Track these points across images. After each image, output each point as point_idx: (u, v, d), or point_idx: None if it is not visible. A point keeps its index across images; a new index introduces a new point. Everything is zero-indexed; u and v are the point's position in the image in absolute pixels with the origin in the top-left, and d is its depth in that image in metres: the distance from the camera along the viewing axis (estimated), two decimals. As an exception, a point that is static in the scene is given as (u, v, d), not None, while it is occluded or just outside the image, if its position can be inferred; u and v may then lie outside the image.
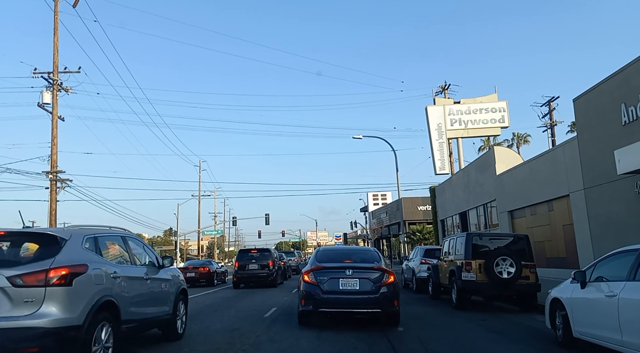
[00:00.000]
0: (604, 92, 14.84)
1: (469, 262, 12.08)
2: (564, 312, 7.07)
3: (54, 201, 31.44)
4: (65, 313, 5.11)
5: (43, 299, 5.04)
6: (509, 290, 11.87)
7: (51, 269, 5.16)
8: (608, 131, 14.56)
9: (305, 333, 8.53)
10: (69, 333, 5.10)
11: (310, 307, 8.96)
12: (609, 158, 13.99)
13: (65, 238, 5.72)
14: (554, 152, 19.25)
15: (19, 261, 5.50)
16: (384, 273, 8.99)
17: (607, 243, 14.93)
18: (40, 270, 5.13)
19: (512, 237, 13.30)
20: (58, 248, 5.51)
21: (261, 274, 21.86)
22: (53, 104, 31.62)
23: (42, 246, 5.67)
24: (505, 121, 34.86)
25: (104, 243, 6.55)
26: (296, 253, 46.25)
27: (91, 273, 5.62)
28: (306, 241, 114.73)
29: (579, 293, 6.67)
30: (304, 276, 9.29)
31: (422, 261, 17.37)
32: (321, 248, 10.95)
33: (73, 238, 5.85)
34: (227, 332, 8.86)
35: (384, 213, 56.65)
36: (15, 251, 5.84)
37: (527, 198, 21.21)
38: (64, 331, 5.06)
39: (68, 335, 5.08)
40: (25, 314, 4.95)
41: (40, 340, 4.91)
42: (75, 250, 5.74)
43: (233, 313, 11.78)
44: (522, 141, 49.99)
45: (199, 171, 58.48)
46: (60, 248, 5.54)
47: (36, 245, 5.81)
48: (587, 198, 16.30)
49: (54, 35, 31.65)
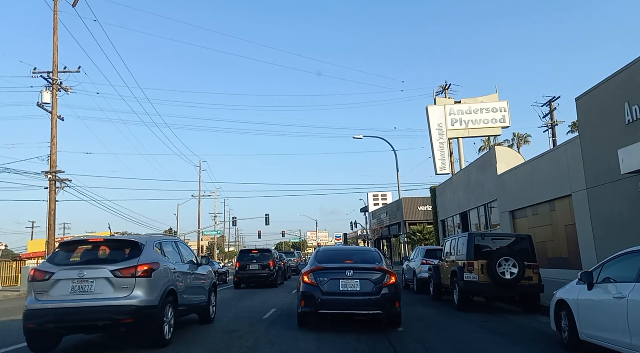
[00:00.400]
0: (607, 90, 14.69)
1: (471, 262, 11.93)
2: (570, 314, 6.90)
3: (53, 201, 31.26)
4: (147, 296, 7.24)
5: (134, 286, 7.17)
6: (512, 290, 11.71)
7: (138, 265, 7.31)
8: (611, 130, 14.40)
9: (305, 335, 8.38)
10: (151, 311, 7.24)
11: (309, 308, 8.79)
12: (612, 157, 13.84)
13: (143, 243, 7.83)
14: (556, 151, 19.10)
15: (116, 259, 7.53)
16: (385, 273, 8.82)
17: (610, 243, 14.79)
18: (131, 266, 7.28)
19: (515, 237, 13.14)
20: (139, 251, 7.63)
21: (262, 274, 21.78)
22: (52, 104, 31.47)
23: (129, 249, 7.75)
24: (506, 120, 34.72)
25: (164, 246, 8.69)
26: (296, 254, 46.10)
27: (161, 268, 7.78)
28: (306, 242, 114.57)
29: (586, 294, 6.51)
30: (303, 277, 9.12)
31: (423, 262, 17.22)
32: (321, 249, 10.77)
33: (148, 243, 7.97)
34: (225, 334, 8.70)
35: (384, 213, 56.48)
36: (112, 253, 7.91)
37: (528, 197, 21.06)
38: (147, 309, 7.18)
39: (150, 311, 7.22)
40: (123, 296, 7.08)
41: (133, 314, 7.04)
42: (151, 252, 7.87)
43: (232, 314, 11.63)
44: (523, 141, 49.86)
45: (199, 171, 58.36)
46: (141, 250, 7.64)
47: (125, 248, 7.85)
48: (590, 198, 16.14)
49: (54, 35, 31.51)
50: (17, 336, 9.05)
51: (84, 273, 7.19)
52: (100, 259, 7.77)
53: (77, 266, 7.43)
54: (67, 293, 7.10)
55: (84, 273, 7.19)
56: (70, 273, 7.20)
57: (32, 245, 54.57)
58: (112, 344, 8.08)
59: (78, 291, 7.11)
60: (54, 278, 7.18)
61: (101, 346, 8.18)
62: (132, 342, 8.00)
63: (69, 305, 7.01)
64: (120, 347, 7.80)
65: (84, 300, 7.05)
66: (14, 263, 41.76)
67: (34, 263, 38.26)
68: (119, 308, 7.02)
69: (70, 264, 7.52)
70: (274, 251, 24.74)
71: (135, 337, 7.85)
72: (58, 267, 7.34)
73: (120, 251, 7.85)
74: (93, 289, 7.12)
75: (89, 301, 7.04)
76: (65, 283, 7.15)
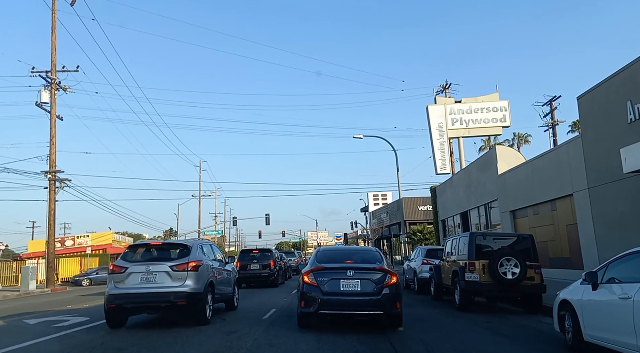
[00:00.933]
0: (609, 89, 14.59)
1: (472, 262, 11.83)
2: (574, 315, 6.79)
3: (52, 201, 31.17)
4: (195, 285, 9.55)
5: (186, 277, 9.47)
6: (514, 291, 11.61)
7: (189, 262, 9.64)
8: (613, 129, 14.30)
9: (305, 336, 8.28)
10: (198, 296, 9.57)
11: (310, 309, 8.68)
12: (615, 156, 13.74)
13: (191, 246, 10.20)
14: (558, 151, 18.99)
15: (172, 257, 9.96)
16: (386, 273, 8.72)
17: (612, 243, 14.69)
18: (184, 262, 9.61)
19: (517, 237, 13.00)
20: (189, 251, 9.97)
21: (263, 274, 21.72)
22: (51, 103, 31.38)
23: (181, 250, 10.13)
24: (506, 120, 34.63)
25: (204, 248, 10.98)
26: (296, 253, 46.01)
27: (204, 265, 10.16)
28: (306, 242, 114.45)
29: (590, 295, 6.40)
30: (303, 277, 9.01)
31: (423, 262, 17.12)
32: (321, 248, 10.65)
33: (194, 246, 10.32)
34: (224, 335, 8.60)
35: (385, 213, 56.39)
36: (169, 252, 10.28)
37: (529, 197, 20.95)
38: (196, 294, 9.51)
39: (198, 296, 9.55)
40: (178, 285, 9.39)
41: (186, 298, 9.36)
42: (197, 252, 10.19)
43: (231, 314, 11.53)
44: (523, 141, 49.77)
45: (199, 171, 58.33)
46: (190, 251, 9.99)
47: (178, 249, 10.23)
48: (592, 197, 16.04)
49: (52, 34, 31.42)
50: (14, 337, 8.97)
51: (150, 267, 9.52)
52: (161, 257, 10.05)
53: (144, 262, 9.73)
54: (137, 282, 9.41)
55: (150, 267, 9.52)
56: (140, 267, 9.54)
57: (32, 245, 54.54)
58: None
59: (146, 281, 9.42)
60: (128, 271, 9.51)
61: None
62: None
63: (140, 291, 9.32)
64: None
65: (150, 287, 9.36)
66: (14, 263, 41.70)
67: (34, 263, 38.15)
68: (176, 293, 9.33)
69: (139, 261, 9.85)
70: (274, 251, 24.67)
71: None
72: (130, 263, 9.70)
73: (175, 252, 10.26)
74: (156, 279, 9.43)
75: (154, 288, 9.35)
76: (136, 275, 9.46)
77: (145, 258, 10.02)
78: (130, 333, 9.11)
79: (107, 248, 53.95)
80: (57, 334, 9.14)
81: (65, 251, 51.94)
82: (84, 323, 10.73)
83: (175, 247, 10.42)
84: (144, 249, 10.39)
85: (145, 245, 10.68)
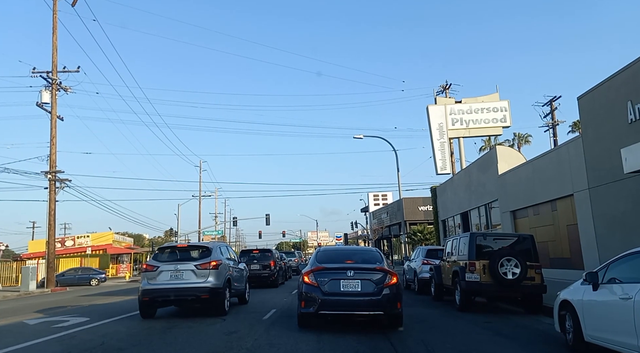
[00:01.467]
0: (610, 89, 14.57)
1: (472, 263, 11.81)
2: (575, 315, 6.78)
3: (52, 202, 31.17)
4: (216, 281, 11.13)
5: (208, 275, 11.06)
6: (514, 291, 11.59)
7: (210, 261, 11.22)
8: (614, 129, 14.28)
9: (305, 337, 8.26)
10: (219, 290, 11.14)
11: (310, 309, 8.66)
12: (615, 156, 13.71)
13: (212, 248, 11.83)
14: (558, 151, 18.97)
15: (196, 258, 11.55)
16: (387, 274, 8.70)
17: (613, 243, 14.67)
18: (206, 262, 11.21)
19: (517, 237, 12.98)
20: (210, 252, 11.57)
21: (263, 274, 21.70)
22: (52, 104, 31.40)
23: (204, 251, 11.77)
24: (507, 120, 34.60)
25: (222, 249, 12.50)
26: (296, 254, 45.96)
27: (224, 264, 11.76)
28: (307, 242, 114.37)
29: (591, 295, 6.38)
30: (303, 278, 8.99)
31: (424, 262, 17.10)
32: (321, 249, 10.62)
33: (214, 247, 11.96)
34: (224, 335, 8.59)
35: (385, 213, 56.36)
36: (194, 253, 11.88)
37: (530, 197, 20.93)
38: (217, 289, 11.07)
39: (218, 290, 11.12)
40: (202, 281, 10.98)
41: (209, 292, 10.92)
42: (217, 253, 11.75)
43: (232, 314, 11.51)
44: (523, 141, 49.75)
45: (200, 171, 58.31)
46: (211, 252, 11.59)
47: (201, 250, 11.91)
48: (592, 198, 16.02)
49: (53, 34, 31.45)
50: (15, 337, 8.97)
51: (177, 266, 11.12)
52: (187, 257, 11.58)
53: (173, 262, 11.33)
54: (167, 279, 11.01)
55: (177, 266, 11.12)
56: (169, 266, 11.15)
57: (32, 245, 54.48)
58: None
59: (174, 278, 11.03)
60: (159, 270, 11.11)
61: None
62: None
63: (169, 286, 10.91)
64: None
65: (178, 283, 10.97)
66: (14, 263, 41.69)
67: (34, 263, 38.13)
68: (200, 288, 10.90)
69: (168, 261, 11.43)
70: (274, 252, 24.65)
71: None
72: (161, 263, 11.32)
73: (198, 252, 11.82)
74: (183, 277, 11.03)
75: (182, 284, 10.96)
76: (166, 273, 11.06)
77: (173, 258, 11.59)
78: (131, 333, 9.10)
79: (107, 248, 53.93)
80: (58, 334, 9.13)
81: (65, 251, 51.94)
82: (84, 323, 10.73)
83: (198, 249, 12.11)
84: (172, 251, 11.99)
85: (173, 247, 12.30)
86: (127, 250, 59.79)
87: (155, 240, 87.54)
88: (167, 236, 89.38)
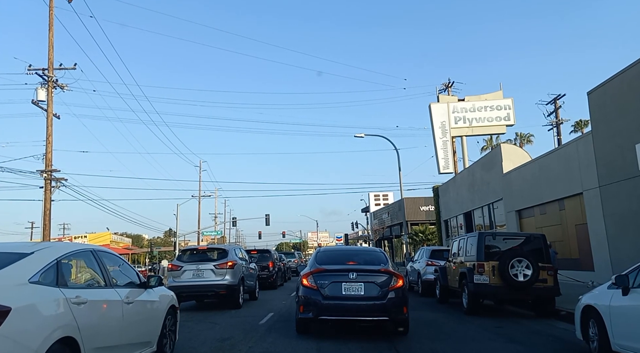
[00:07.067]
0: (623, 83, 13.97)
1: (481, 264, 11.21)
2: (600, 322, 6.17)
3: (48, 201, 30.52)
4: (233, 279, 12.69)
5: (225, 273, 12.62)
6: (526, 294, 10.99)
7: (227, 262, 12.83)
8: (627, 124, 13.67)
9: (304, 344, 7.65)
10: (235, 287, 12.69)
11: (309, 314, 8.04)
12: (629, 152, 13.13)
13: (228, 250, 13.44)
14: (566, 148, 18.36)
15: (215, 258, 13.11)
16: (392, 276, 8.08)
17: (624, 244, 14.06)
18: (224, 262, 12.81)
19: (528, 237, 12.32)
20: (227, 254, 13.20)
21: (261, 275, 21.09)
22: (48, 102, 30.69)
23: (221, 253, 13.35)
24: (510, 119, 34.00)
25: (236, 251, 13.99)
26: (296, 254, 45.33)
27: (238, 264, 13.31)
28: (307, 242, 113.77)
29: (621, 300, 5.77)
30: (302, 280, 8.35)
31: (428, 263, 16.52)
32: (322, 249, 9.97)
33: (230, 249, 13.51)
34: (217, 342, 7.97)
35: (386, 213, 55.73)
36: (212, 255, 13.42)
37: (536, 196, 20.33)
38: (233, 286, 12.64)
39: (235, 287, 12.68)
40: (220, 279, 12.58)
41: (226, 288, 12.52)
42: (232, 254, 13.33)
43: (226, 319, 10.88)
44: (526, 140, 49.14)
45: (199, 171, 57.67)
46: (227, 253, 13.19)
47: (218, 252, 13.44)
48: (603, 196, 15.41)
49: (49, 31, 30.75)
50: None
51: (199, 266, 12.75)
52: (206, 258, 13.21)
53: (194, 262, 12.92)
54: (190, 277, 12.65)
55: (199, 266, 12.75)
56: (192, 266, 12.79)
57: (29, 246, 53.87)
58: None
59: (196, 276, 12.65)
60: (183, 269, 12.79)
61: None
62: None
63: (192, 284, 12.55)
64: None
65: (200, 281, 12.59)
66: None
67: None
68: (218, 285, 12.48)
69: (190, 261, 13.06)
70: (273, 252, 24.09)
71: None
72: (184, 263, 13.01)
73: (216, 254, 13.36)
74: (204, 275, 12.62)
75: (202, 281, 12.56)
76: (189, 272, 12.71)
77: (194, 259, 13.22)
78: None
79: (105, 248, 53.31)
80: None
81: (62, 252, 51.31)
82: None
83: (216, 250, 13.65)
84: (193, 252, 13.78)
85: (195, 249, 14.29)
86: (124, 251, 59.19)
87: (154, 241, 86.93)
88: (166, 237, 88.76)
